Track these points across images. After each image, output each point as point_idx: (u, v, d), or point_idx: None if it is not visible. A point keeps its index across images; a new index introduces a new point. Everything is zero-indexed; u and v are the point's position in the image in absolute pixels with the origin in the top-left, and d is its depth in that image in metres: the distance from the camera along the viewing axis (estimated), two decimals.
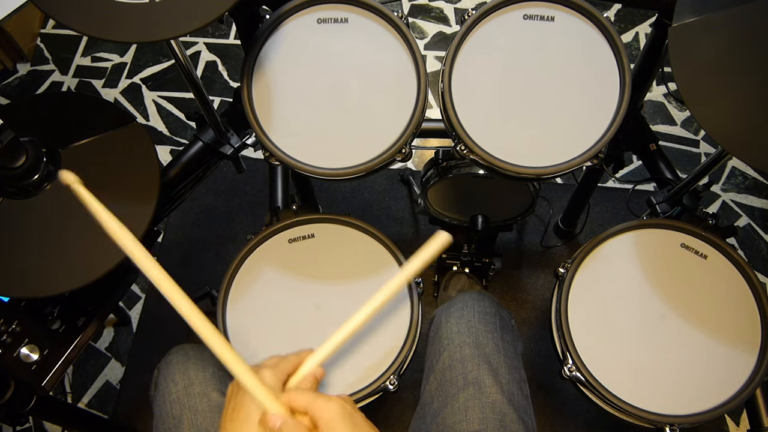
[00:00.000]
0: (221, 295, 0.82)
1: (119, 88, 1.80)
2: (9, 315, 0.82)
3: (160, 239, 1.55)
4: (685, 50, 0.66)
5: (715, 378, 0.77)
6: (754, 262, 1.49)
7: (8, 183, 0.72)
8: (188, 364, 0.81)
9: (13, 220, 0.73)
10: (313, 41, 0.81)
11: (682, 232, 0.85)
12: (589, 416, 1.31)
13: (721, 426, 1.32)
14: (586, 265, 0.85)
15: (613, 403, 0.75)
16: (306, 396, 0.56)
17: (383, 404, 1.31)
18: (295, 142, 0.80)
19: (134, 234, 0.57)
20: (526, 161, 0.77)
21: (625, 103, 0.76)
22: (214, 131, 0.96)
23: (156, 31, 0.64)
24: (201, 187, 1.35)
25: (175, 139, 1.72)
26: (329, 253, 0.86)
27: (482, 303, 0.84)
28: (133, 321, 1.46)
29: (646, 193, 1.34)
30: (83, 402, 1.38)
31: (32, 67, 1.85)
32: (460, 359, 0.78)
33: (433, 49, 1.82)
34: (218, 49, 1.85)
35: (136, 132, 0.79)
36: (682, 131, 1.67)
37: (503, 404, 0.74)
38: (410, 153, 0.80)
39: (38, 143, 0.74)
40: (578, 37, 0.78)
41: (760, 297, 0.80)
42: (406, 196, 1.58)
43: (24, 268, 0.72)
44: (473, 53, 0.79)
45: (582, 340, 0.79)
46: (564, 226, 1.49)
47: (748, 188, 1.59)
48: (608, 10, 0.97)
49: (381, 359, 0.77)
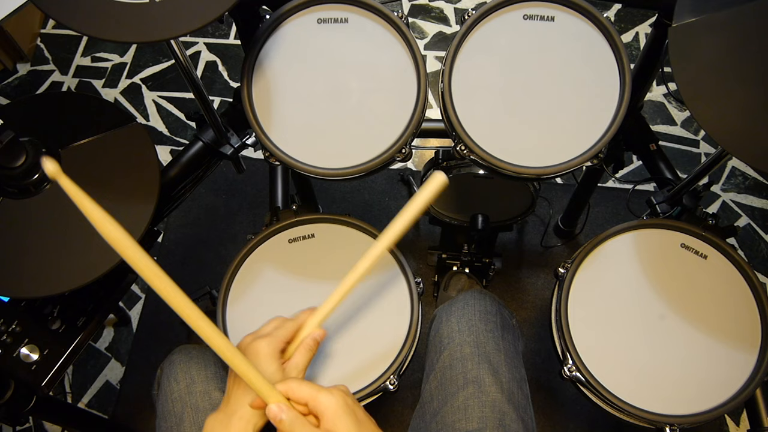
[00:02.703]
0: (221, 295, 0.82)
1: (119, 88, 1.80)
2: (9, 315, 0.82)
3: (160, 239, 1.55)
4: (685, 50, 0.66)
5: (715, 378, 0.77)
6: (754, 262, 1.49)
7: (8, 183, 0.72)
8: (191, 363, 0.81)
9: (13, 220, 0.73)
10: (313, 41, 0.81)
11: (682, 232, 0.85)
12: (589, 416, 1.31)
13: (721, 426, 1.32)
14: (586, 265, 0.85)
15: (613, 403, 0.75)
16: (308, 389, 0.56)
17: (383, 404, 1.31)
18: (295, 142, 0.80)
19: (134, 234, 0.56)
20: (526, 161, 0.77)
21: (625, 103, 0.76)
22: (214, 131, 0.96)
23: (156, 31, 0.64)
24: (201, 187, 1.35)
25: (175, 139, 1.72)
26: (329, 253, 0.86)
27: (483, 302, 0.84)
28: (133, 321, 1.46)
29: (646, 193, 1.34)
30: (83, 402, 1.38)
31: (32, 67, 1.85)
32: (460, 358, 0.78)
33: (433, 49, 1.82)
34: (218, 49, 1.85)
35: (136, 132, 0.79)
36: (682, 131, 1.67)
37: (503, 403, 0.74)
38: (410, 153, 0.80)
39: (38, 143, 0.74)
40: (578, 37, 0.78)
41: (760, 297, 0.80)
42: (406, 196, 1.58)
43: (24, 268, 0.72)
44: (473, 53, 0.79)
45: (582, 340, 0.79)
46: (564, 226, 1.49)
47: (748, 188, 1.59)
48: (608, 10, 0.97)
49: (381, 359, 0.77)
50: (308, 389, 0.56)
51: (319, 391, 0.56)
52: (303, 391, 0.56)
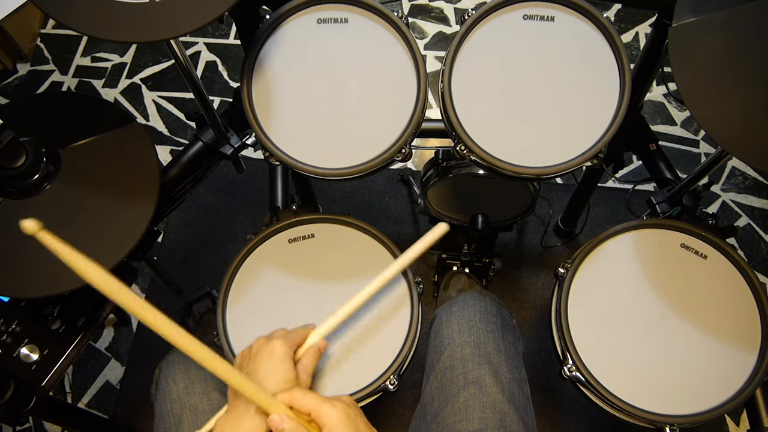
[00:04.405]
0: (221, 295, 0.82)
1: (119, 88, 1.80)
2: (9, 315, 0.81)
3: (160, 239, 1.55)
4: (685, 50, 0.66)
5: (715, 378, 0.77)
6: (754, 262, 1.49)
7: (8, 183, 0.72)
8: (189, 363, 0.81)
9: (13, 220, 0.73)
10: (313, 41, 0.81)
11: (682, 232, 0.85)
12: (589, 416, 1.31)
13: (721, 426, 1.32)
14: (586, 265, 0.85)
15: (613, 403, 0.75)
16: (311, 399, 0.57)
17: (383, 404, 1.31)
18: (295, 142, 0.80)
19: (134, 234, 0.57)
20: (526, 161, 0.77)
21: (625, 103, 0.76)
22: (214, 131, 0.96)
23: (156, 31, 0.64)
24: (201, 187, 1.35)
25: (175, 139, 1.72)
26: (329, 253, 0.86)
27: (483, 303, 0.84)
28: (133, 321, 1.46)
29: (646, 193, 1.34)
30: (83, 402, 1.38)
31: (32, 67, 1.85)
32: (460, 359, 0.78)
33: (433, 49, 1.82)
34: (218, 49, 1.85)
35: (136, 132, 0.79)
36: (682, 131, 1.67)
37: (504, 404, 0.74)
38: (410, 153, 0.80)
39: (38, 143, 0.74)
40: (578, 37, 0.78)
41: (760, 297, 0.80)
42: (406, 196, 1.58)
43: (24, 268, 0.72)
44: (473, 53, 0.79)
45: (582, 340, 0.79)
46: (564, 226, 1.49)
47: (748, 188, 1.59)
48: (608, 10, 0.97)
49: (381, 359, 0.77)
50: (311, 399, 0.57)
51: (323, 402, 0.56)
52: (306, 400, 0.57)
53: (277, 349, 0.63)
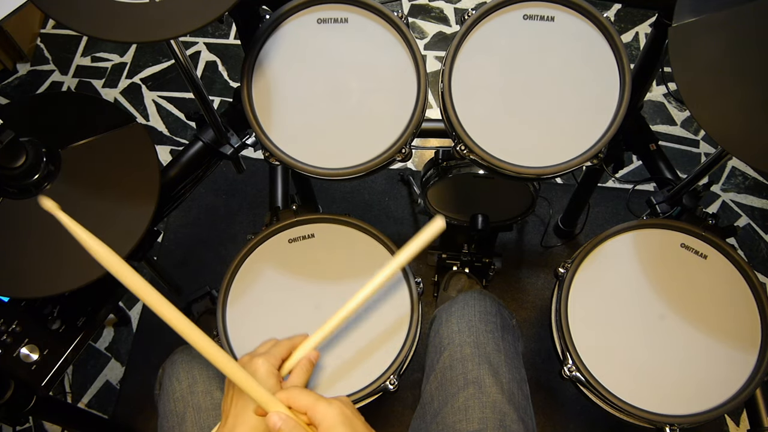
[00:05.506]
0: (221, 295, 0.82)
1: (119, 88, 1.80)
2: (9, 315, 0.82)
3: (160, 239, 1.55)
4: (685, 50, 0.66)
5: (715, 378, 0.77)
6: (754, 262, 1.49)
7: (8, 183, 0.72)
8: (193, 363, 0.81)
9: (13, 220, 0.73)
10: (313, 41, 0.81)
11: (682, 232, 0.85)
12: (589, 416, 1.31)
13: (721, 426, 1.32)
14: (586, 265, 0.85)
15: (612, 403, 0.75)
16: (307, 398, 0.57)
17: (383, 404, 1.31)
18: (295, 142, 0.80)
19: (134, 234, 0.57)
20: (526, 161, 0.77)
21: (625, 103, 0.76)
22: (214, 131, 0.96)
23: (156, 31, 0.64)
24: (201, 187, 1.35)
25: (175, 139, 1.72)
26: (329, 253, 0.86)
27: (483, 303, 0.84)
28: (133, 321, 1.46)
29: (646, 193, 1.34)
30: (83, 402, 1.38)
31: (32, 67, 1.85)
32: (460, 359, 0.78)
33: (433, 49, 1.82)
34: (218, 49, 1.85)
35: (136, 132, 0.79)
36: (682, 131, 1.67)
37: (503, 404, 0.74)
38: (410, 153, 0.80)
39: (38, 143, 0.74)
40: (578, 37, 0.78)
41: (760, 297, 0.80)
42: (406, 196, 1.58)
43: (24, 268, 0.72)
44: (473, 53, 0.79)
45: (582, 340, 0.79)
46: (564, 226, 1.49)
47: (748, 188, 1.59)
48: (608, 10, 0.97)
49: (381, 359, 0.77)
50: (308, 398, 0.57)
51: (318, 401, 0.56)
52: (303, 399, 0.57)
53: (259, 367, 0.60)
